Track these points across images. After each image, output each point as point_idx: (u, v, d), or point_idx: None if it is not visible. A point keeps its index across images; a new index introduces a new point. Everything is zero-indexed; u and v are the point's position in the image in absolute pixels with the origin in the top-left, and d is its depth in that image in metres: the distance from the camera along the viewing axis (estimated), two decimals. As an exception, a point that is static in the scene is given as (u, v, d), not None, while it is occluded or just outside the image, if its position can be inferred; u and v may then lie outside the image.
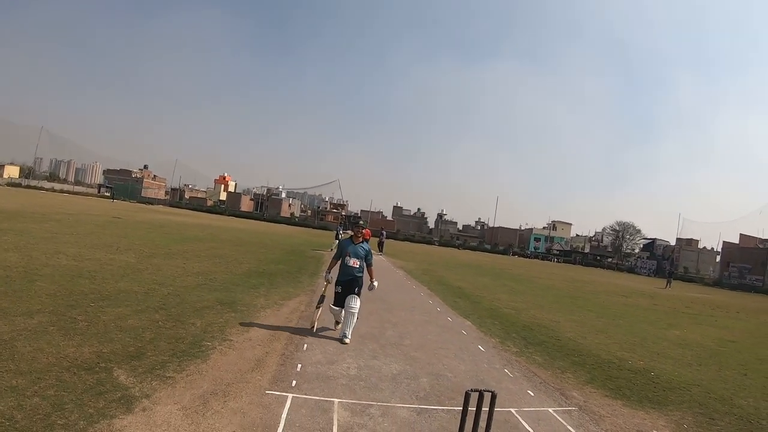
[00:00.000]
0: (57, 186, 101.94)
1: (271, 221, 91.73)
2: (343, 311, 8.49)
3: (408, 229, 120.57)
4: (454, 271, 29.50)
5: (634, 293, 29.62)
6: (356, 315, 8.54)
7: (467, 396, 4.01)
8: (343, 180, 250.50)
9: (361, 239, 9.01)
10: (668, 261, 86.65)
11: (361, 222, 9.67)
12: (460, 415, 4.07)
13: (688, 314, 20.65)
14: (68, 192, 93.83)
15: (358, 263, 8.77)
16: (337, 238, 31.86)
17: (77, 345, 6.07)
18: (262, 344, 7.46)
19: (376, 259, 30.05)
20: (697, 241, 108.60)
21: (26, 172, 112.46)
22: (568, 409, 6.25)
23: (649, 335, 13.22)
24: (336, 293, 8.72)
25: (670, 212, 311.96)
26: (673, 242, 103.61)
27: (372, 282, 9.04)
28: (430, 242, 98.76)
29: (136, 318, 7.71)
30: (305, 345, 7.83)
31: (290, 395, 5.55)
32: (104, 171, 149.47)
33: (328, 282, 8.98)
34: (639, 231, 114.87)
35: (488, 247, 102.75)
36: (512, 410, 5.92)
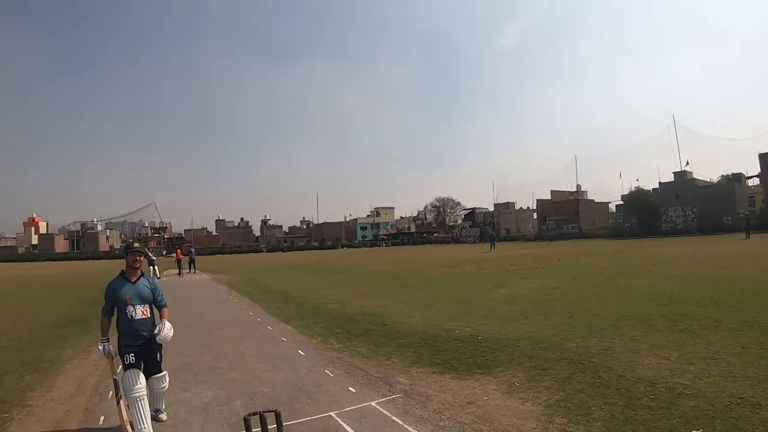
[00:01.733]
0: None
1: (90, 258, 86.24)
2: (144, 394, 5.28)
3: (234, 240, 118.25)
4: (279, 275, 29.04)
5: (461, 262, 30.79)
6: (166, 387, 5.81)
7: (247, 422, 3.62)
8: (160, 201, 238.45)
9: (138, 272, 5.78)
10: (490, 226, 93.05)
11: (135, 245, 6.04)
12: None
13: (513, 271, 21.86)
14: None
15: (148, 311, 5.61)
16: (150, 264, 30.12)
17: None
18: (65, 402, 6.66)
19: (195, 279, 30.63)
20: (513, 203, 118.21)
21: None
22: (392, 398, 5.95)
23: (476, 300, 13.52)
24: (127, 366, 5.33)
25: (484, 182, 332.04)
26: (491, 208, 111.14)
27: (162, 324, 5.50)
28: (257, 250, 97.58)
29: None
30: (110, 393, 7.06)
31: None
32: None
33: (109, 356, 5.57)
34: (459, 203, 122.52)
35: (316, 244, 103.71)
36: (332, 414, 5.48)
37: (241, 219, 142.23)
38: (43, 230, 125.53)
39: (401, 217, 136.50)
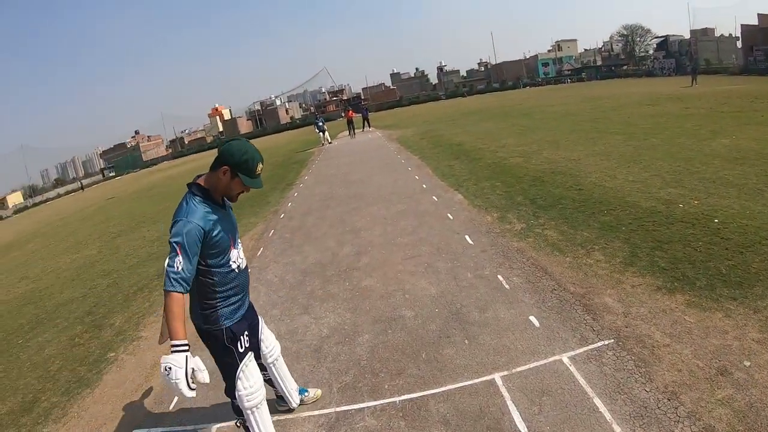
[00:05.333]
0: (62, 190, 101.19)
1: (272, 133, 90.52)
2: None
3: (411, 91, 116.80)
4: (456, 124, 26.75)
5: (661, 99, 25.10)
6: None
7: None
8: (333, 65, 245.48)
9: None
10: (687, 56, 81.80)
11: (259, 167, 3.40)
12: None
13: (729, 114, 16.59)
14: (72, 191, 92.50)
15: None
16: (320, 130, 29.39)
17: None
18: None
19: (366, 138, 29.26)
20: (713, 29, 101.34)
21: (29, 192, 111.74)
22: (597, 347, 3.78)
23: (693, 153, 10.03)
24: (243, 354, 3.08)
25: (677, 3, 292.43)
26: (687, 36, 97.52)
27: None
28: (436, 98, 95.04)
29: (55, 342, 6.54)
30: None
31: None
32: (100, 154, 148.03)
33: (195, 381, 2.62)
34: (649, 30, 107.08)
35: (497, 86, 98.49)
36: (495, 376, 3.64)
37: (416, 69, 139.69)
38: (227, 117, 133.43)
39: (585, 50, 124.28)
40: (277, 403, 3.72)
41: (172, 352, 2.54)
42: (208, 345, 3.05)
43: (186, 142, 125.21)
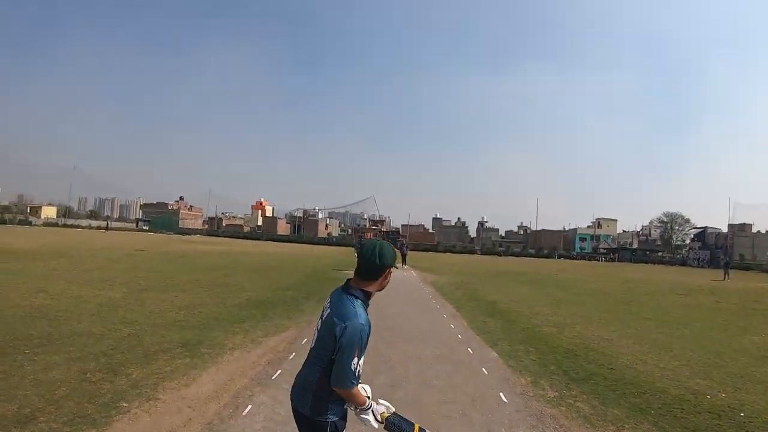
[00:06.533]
0: (94, 223, 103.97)
1: (308, 243, 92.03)
2: None
3: (449, 239, 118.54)
4: (491, 281, 26.97)
5: (693, 290, 26.17)
6: None
7: None
8: (379, 196, 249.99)
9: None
10: (722, 250, 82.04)
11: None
12: None
13: (761, 311, 17.46)
14: (104, 229, 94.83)
15: None
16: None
17: (-33, 405, 5.11)
18: (193, 406, 5.73)
19: (403, 275, 29.39)
20: (751, 225, 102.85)
21: (63, 212, 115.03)
22: None
23: (723, 348, 10.57)
24: None
25: (718, 197, 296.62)
26: (725, 229, 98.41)
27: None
28: (471, 252, 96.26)
29: (64, 368, 6.61)
30: (249, 407, 5.75)
31: None
32: (141, 205, 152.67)
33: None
34: (688, 220, 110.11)
35: (532, 251, 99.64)
36: None
37: (458, 219, 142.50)
38: (268, 213, 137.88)
39: (624, 231, 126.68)
40: None
41: (363, 411, 3.01)
42: None
43: (223, 224, 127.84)
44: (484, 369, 8.19)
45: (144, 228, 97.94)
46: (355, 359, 2.83)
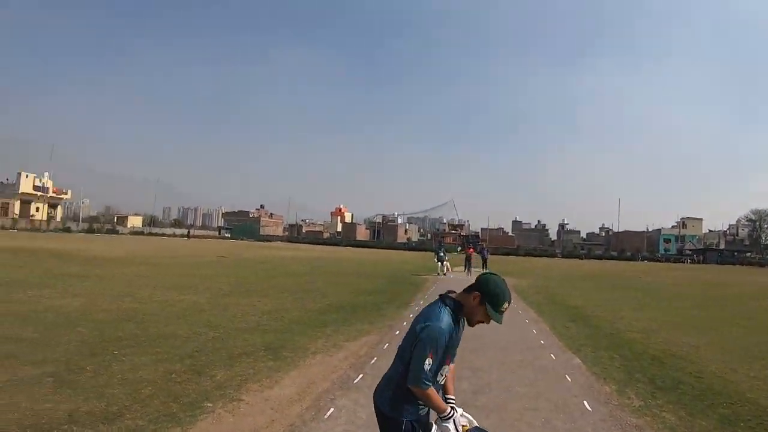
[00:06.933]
0: (177, 231, 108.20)
1: (387, 248, 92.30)
2: None
3: (529, 242, 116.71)
4: (573, 285, 26.36)
5: None
6: None
7: None
8: (458, 200, 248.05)
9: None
10: None
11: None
12: None
13: None
14: (186, 236, 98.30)
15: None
16: (439, 260, 29.52)
17: (60, 401, 5.49)
18: (276, 408, 5.81)
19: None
20: None
21: (149, 221, 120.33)
22: None
23: None
24: None
25: None
26: None
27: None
28: (552, 255, 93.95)
29: (151, 368, 6.92)
30: (330, 410, 5.80)
31: None
32: (223, 214, 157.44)
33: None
34: None
35: (614, 254, 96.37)
36: None
37: (538, 221, 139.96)
38: (347, 219, 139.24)
39: (710, 231, 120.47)
40: None
41: (444, 419, 3.01)
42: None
43: (303, 231, 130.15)
44: (567, 376, 7.94)
45: (226, 236, 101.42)
46: (429, 360, 2.89)
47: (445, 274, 28.64)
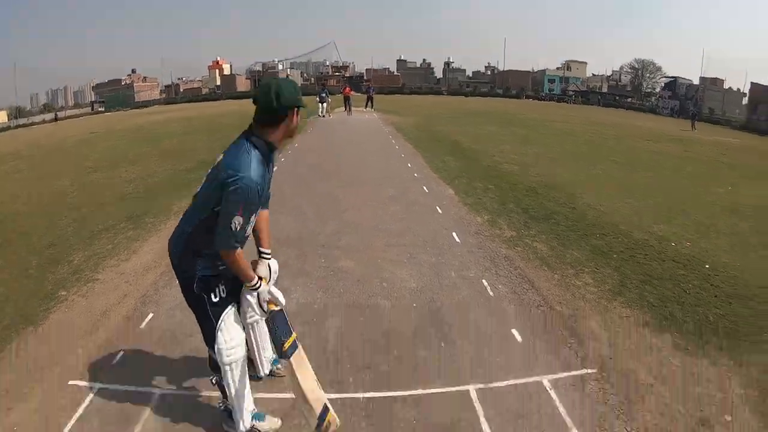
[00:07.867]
0: (47, 116, 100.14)
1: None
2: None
3: (415, 81, 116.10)
4: (456, 121, 26.50)
5: (662, 138, 25.64)
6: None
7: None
8: (340, 41, 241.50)
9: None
10: (692, 101, 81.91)
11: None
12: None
13: (729, 165, 16.86)
14: (58, 119, 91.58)
15: None
16: (321, 102, 28.87)
17: None
18: (130, 280, 5.48)
19: (363, 117, 29.10)
20: (723, 80, 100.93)
21: (14, 113, 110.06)
22: (578, 375, 3.55)
23: (689, 197, 10.22)
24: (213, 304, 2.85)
25: (692, 48, 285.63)
26: (696, 81, 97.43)
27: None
28: (438, 93, 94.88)
29: (7, 271, 6.14)
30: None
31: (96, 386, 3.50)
32: (93, 87, 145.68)
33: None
34: (660, 69, 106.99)
35: (500, 92, 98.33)
36: (469, 387, 3.39)
37: (423, 60, 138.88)
38: (226, 72, 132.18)
39: (593, 74, 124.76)
40: None
41: (251, 290, 2.80)
42: (185, 294, 2.88)
43: (181, 90, 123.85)
44: (438, 208, 8.02)
45: (100, 110, 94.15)
46: (239, 218, 2.54)
47: (324, 116, 28.14)
